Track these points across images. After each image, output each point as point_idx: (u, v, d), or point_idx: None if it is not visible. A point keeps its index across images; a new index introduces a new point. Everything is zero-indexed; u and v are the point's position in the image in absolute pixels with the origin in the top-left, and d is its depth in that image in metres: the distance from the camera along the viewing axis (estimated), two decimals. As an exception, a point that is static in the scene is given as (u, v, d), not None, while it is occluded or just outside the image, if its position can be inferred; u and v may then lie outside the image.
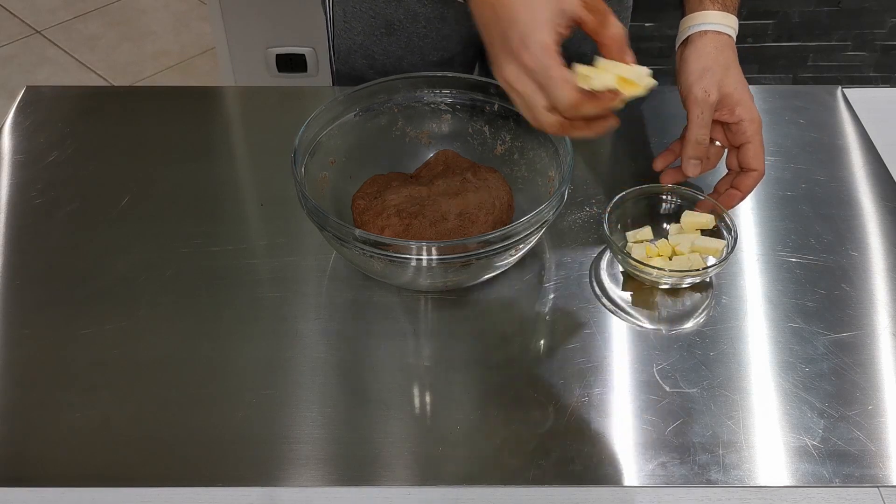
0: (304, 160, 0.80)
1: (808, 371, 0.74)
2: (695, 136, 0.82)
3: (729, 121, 0.83)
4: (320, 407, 0.72)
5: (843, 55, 2.09)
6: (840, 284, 0.82)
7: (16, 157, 0.95)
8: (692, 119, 0.82)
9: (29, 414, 0.71)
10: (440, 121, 0.90)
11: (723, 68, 0.83)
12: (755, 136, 0.83)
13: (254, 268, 0.83)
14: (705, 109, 0.82)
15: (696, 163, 0.84)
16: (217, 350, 0.76)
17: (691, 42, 0.85)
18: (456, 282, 0.79)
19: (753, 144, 0.83)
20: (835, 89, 1.06)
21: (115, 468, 0.68)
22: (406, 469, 0.68)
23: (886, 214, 0.89)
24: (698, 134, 0.82)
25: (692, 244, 0.82)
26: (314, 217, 0.75)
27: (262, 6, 1.90)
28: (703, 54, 0.84)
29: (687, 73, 0.84)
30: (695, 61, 0.84)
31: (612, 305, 0.80)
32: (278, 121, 1.02)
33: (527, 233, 0.74)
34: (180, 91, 1.30)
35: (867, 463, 0.68)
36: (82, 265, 0.83)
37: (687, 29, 0.86)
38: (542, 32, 0.66)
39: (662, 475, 0.67)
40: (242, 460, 0.68)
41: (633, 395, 0.73)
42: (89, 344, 0.76)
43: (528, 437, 0.69)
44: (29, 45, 2.60)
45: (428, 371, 0.75)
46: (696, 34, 0.85)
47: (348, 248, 0.74)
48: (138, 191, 0.91)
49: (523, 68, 0.67)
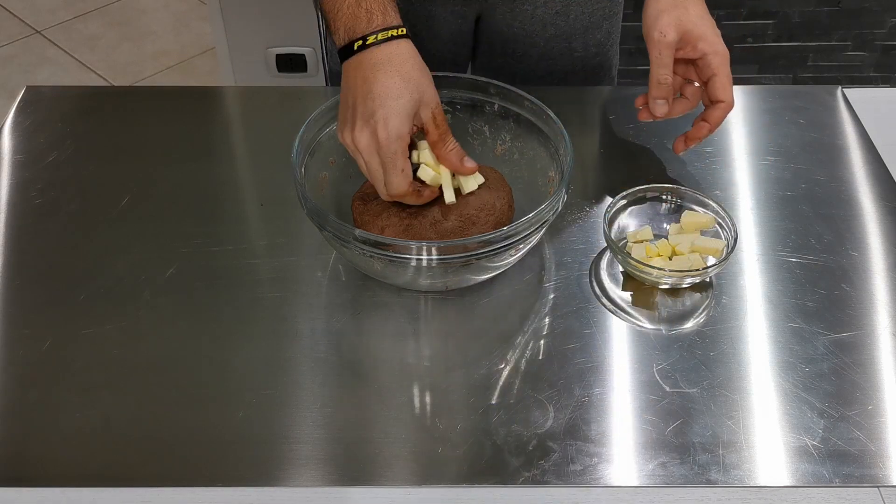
0: (304, 160, 0.80)
1: (808, 371, 0.74)
2: (656, 76, 0.85)
3: (693, 57, 0.85)
4: (320, 407, 0.72)
5: (843, 55, 2.09)
6: (840, 284, 0.82)
7: (16, 157, 0.95)
8: (651, 60, 0.85)
9: (29, 414, 0.71)
10: (440, 121, 0.90)
11: (680, 8, 0.84)
12: (720, 69, 0.84)
13: (254, 268, 0.83)
14: (663, 50, 0.84)
15: (663, 103, 0.86)
16: (217, 350, 0.76)
17: None
18: (456, 282, 0.79)
19: (719, 76, 0.84)
20: (835, 89, 1.06)
21: (115, 468, 0.68)
22: (406, 469, 0.68)
23: (886, 214, 0.89)
24: (659, 74, 0.84)
25: (692, 244, 0.82)
26: (314, 217, 0.75)
27: (262, 6, 1.90)
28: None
29: (645, 17, 0.86)
30: (652, 5, 0.86)
31: (612, 305, 0.80)
32: (278, 121, 1.02)
33: (527, 233, 0.74)
34: (180, 91, 1.30)
35: (867, 463, 0.68)
36: (82, 265, 0.83)
37: None
38: (403, 123, 0.73)
39: (662, 475, 0.67)
40: (242, 460, 0.68)
41: (633, 395, 0.73)
42: (89, 344, 0.76)
43: (528, 437, 0.69)
44: (29, 45, 2.60)
45: (428, 371, 0.75)
46: None
47: (348, 248, 0.74)
48: (138, 191, 0.91)
49: (375, 143, 0.73)
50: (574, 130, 0.82)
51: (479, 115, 0.89)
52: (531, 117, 0.85)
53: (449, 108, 0.89)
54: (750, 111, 1.04)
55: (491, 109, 0.88)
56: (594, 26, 1.07)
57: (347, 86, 0.76)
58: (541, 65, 1.09)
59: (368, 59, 0.74)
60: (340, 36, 0.77)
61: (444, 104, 0.89)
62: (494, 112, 0.88)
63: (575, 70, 1.10)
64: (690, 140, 0.88)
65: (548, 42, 1.07)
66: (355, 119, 0.74)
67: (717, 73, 0.84)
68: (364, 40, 0.75)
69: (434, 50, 1.06)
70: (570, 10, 1.04)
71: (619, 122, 1.01)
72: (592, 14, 1.06)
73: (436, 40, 1.06)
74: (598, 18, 1.07)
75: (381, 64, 0.74)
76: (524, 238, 0.74)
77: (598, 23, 1.07)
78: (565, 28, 1.05)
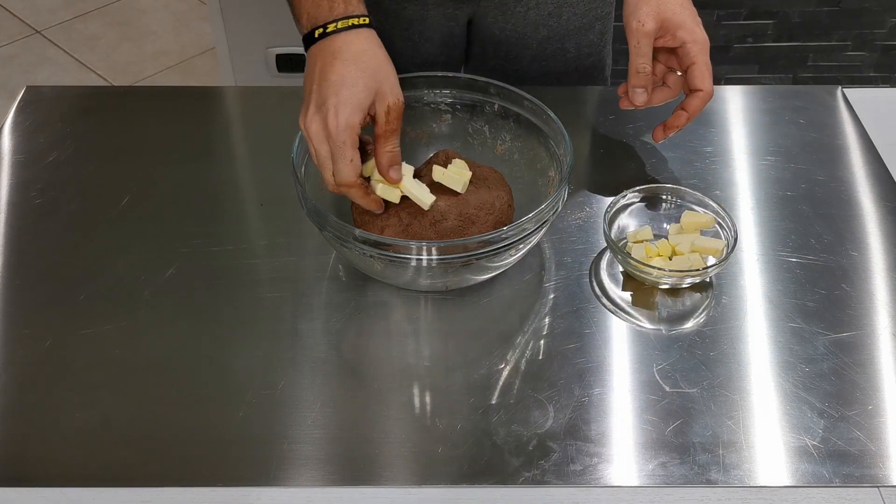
0: (305, 160, 0.80)
1: (808, 371, 0.74)
2: (634, 65, 0.85)
3: (672, 45, 0.85)
4: (320, 407, 0.72)
5: (843, 55, 2.09)
6: (840, 284, 0.82)
7: (16, 157, 0.95)
8: (630, 50, 0.85)
9: (29, 414, 0.71)
10: (440, 121, 0.90)
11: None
12: (699, 56, 0.84)
13: (254, 268, 0.83)
14: (641, 39, 0.84)
15: (642, 91, 0.86)
16: (217, 350, 0.76)
17: None
18: (456, 282, 0.79)
19: (698, 65, 0.84)
20: (835, 89, 1.06)
21: (115, 468, 0.68)
22: (406, 469, 0.68)
23: (886, 214, 0.89)
24: (637, 63, 0.85)
25: (692, 244, 0.82)
26: (314, 217, 0.75)
27: (262, 6, 1.90)
28: None
29: (626, 5, 0.86)
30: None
31: (612, 305, 0.80)
32: (278, 121, 1.02)
33: (527, 233, 0.74)
34: (180, 91, 1.30)
35: (867, 463, 0.68)
36: (82, 265, 0.83)
37: None
38: (354, 113, 0.73)
39: (662, 475, 0.67)
40: (242, 460, 0.68)
41: (633, 395, 0.73)
42: (89, 344, 0.76)
43: (528, 437, 0.69)
44: (29, 45, 2.60)
45: (428, 371, 0.75)
46: None
47: (348, 248, 0.74)
48: (138, 191, 0.91)
49: (325, 131, 0.73)
50: (572, 130, 0.82)
51: (479, 115, 0.89)
52: (531, 117, 0.85)
53: (449, 109, 0.89)
54: (750, 111, 1.04)
55: (491, 109, 0.88)
56: (587, 27, 1.07)
57: (307, 72, 0.76)
58: (534, 66, 1.09)
59: (328, 46, 0.75)
60: (303, 24, 0.77)
61: (446, 105, 0.89)
62: (494, 112, 0.88)
63: (568, 71, 1.10)
64: (669, 128, 0.89)
65: (541, 43, 1.07)
66: (309, 105, 0.74)
67: (695, 61, 0.84)
68: (325, 28, 0.75)
69: (426, 53, 1.07)
70: (563, 12, 1.04)
71: (618, 122, 1.01)
72: (584, 15, 1.06)
73: (428, 44, 1.06)
74: (590, 19, 1.07)
75: (339, 52, 0.74)
76: (524, 238, 0.74)
77: (590, 23, 1.07)
78: (558, 29, 1.05)
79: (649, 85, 0.86)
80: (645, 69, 0.85)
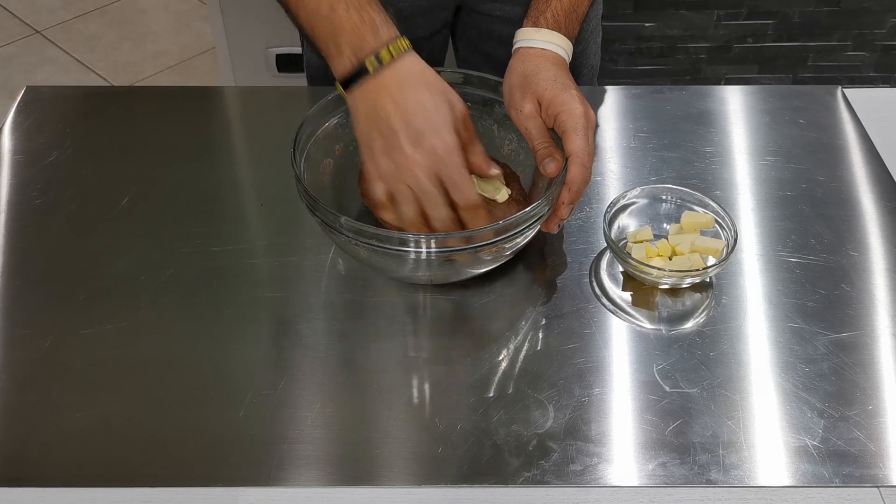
0: (308, 145, 0.80)
1: (808, 371, 0.74)
2: (534, 147, 0.79)
3: (549, 124, 0.79)
4: (320, 407, 0.72)
5: (843, 55, 2.09)
6: (840, 284, 0.82)
7: (16, 157, 0.95)
8: (525, 136, 0.80)
9: (29, 414, 0.71)
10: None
11: (525, 79, 0.80)
12: (568, 123, 0.77)
13: (254, 268, 0.83)
14: (526, 123, 0.79)
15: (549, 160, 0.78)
16: (217, 350, 0.76)
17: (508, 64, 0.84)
18: (446, 276, 0.78)
19: (567, 132, 0.77)
20: (835, 89, 1.06)
21: (115, 468, 0.68)
22: (406, 469, 0.68)
23: (886, 214, 0.89)
24: (535, 144, 0.79)
25: (692, 244, 0.82)
26: (307, 201, 0.74)
27: (262, 6, 1.90)
28: (510, 72, 0.82)
29: (504, 100, 0.83)
30: (506, 81, 0.83)
31: (612, 305, 0.80)
32: (278, 121, 1.02)
33: (520, 228, 0.73)
34: (180, 91, 1.30)
35: (867, 463, 0.68)
36: (82, 265, 0.83)
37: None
38: (453, 133, 0.69)
39: (662, 475, 0.67)
40: (242, 460, 0.68)
41: (633, 395, 0.73)
42: (89, 344, 0.76)
43: (528, 437, 0.69)
44: (29, 45, 2.60)
45: (428, 371, 0.75)
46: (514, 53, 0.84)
47: (336, 235, 0.73)
48: (138, 191, 0.91)
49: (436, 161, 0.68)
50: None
51: (488, 114, 0.88)
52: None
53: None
54: (750, 111, 1.04)
55: (500, 109, 0.87)
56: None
57: (368, 112, 0.70)
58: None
59: (392, 77, 0.70)
60: (346, 56, 0.71)
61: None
62: (503, 112, 0.87)
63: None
64: (556, 213, 0.78)
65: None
66: (400, 144, 0.69)
67: (565, 129, 0.77)
68: (378, 58, 0.70)
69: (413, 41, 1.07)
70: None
71: (618, 123, 1.01)
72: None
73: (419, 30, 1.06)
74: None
75: (405, 80, 0.70)
76: (520, 232, 0.73)
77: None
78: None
79: (556, 152, 0.78)
80: (544, 144, 0.79)
